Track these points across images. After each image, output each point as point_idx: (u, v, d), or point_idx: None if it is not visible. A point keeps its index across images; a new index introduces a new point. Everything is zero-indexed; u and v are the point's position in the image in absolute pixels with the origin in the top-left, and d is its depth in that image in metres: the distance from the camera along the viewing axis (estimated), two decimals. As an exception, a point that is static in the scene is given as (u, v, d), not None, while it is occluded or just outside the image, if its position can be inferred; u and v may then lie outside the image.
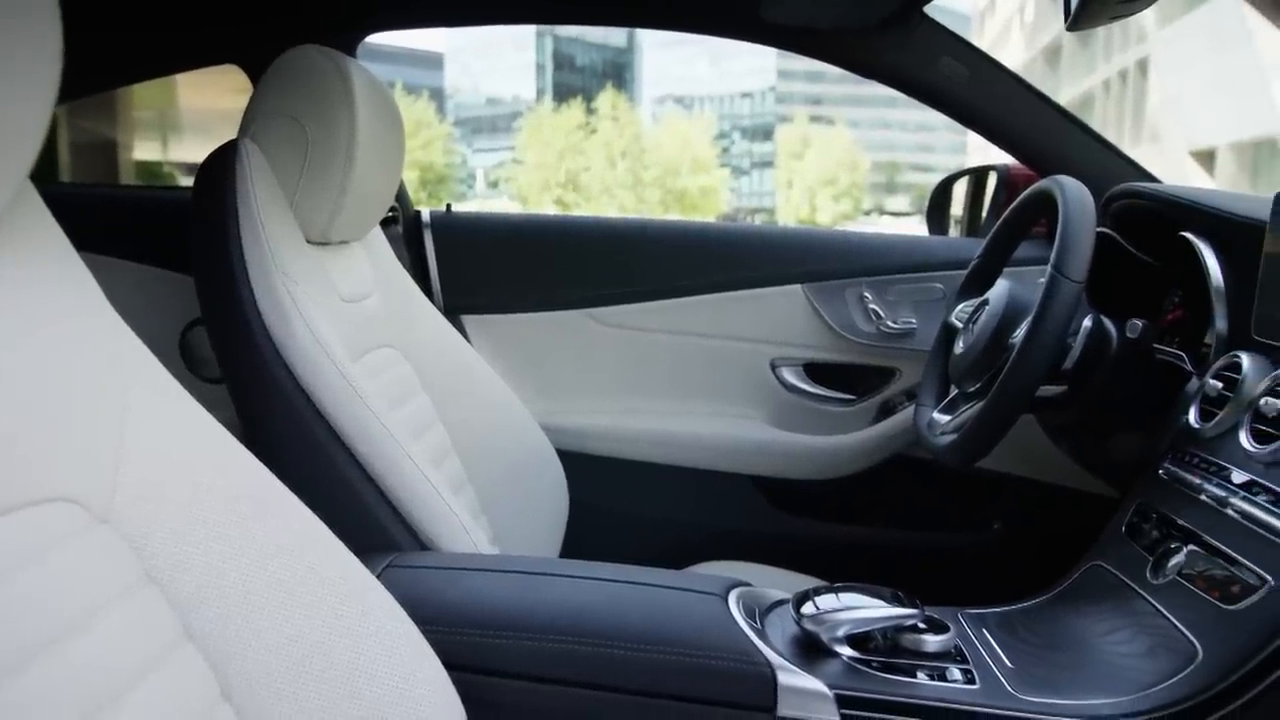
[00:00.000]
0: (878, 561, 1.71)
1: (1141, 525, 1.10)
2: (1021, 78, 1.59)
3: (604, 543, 1.68)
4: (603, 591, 0.96)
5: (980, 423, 1.16)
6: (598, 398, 1.79)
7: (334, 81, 1.17)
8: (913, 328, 1.70)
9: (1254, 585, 0.89)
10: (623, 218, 1.93)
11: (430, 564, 1.04)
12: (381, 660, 0.75)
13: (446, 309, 1.77)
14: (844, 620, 0.91)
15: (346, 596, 0.76)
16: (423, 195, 29.64)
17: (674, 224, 1.88)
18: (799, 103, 47.20)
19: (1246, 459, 1.00)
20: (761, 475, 1.73)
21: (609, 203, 34.05)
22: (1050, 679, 0.93)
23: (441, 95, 46.66)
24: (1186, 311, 1.30)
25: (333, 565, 0.77)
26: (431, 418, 1.41)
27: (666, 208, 34.34)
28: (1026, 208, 1.32)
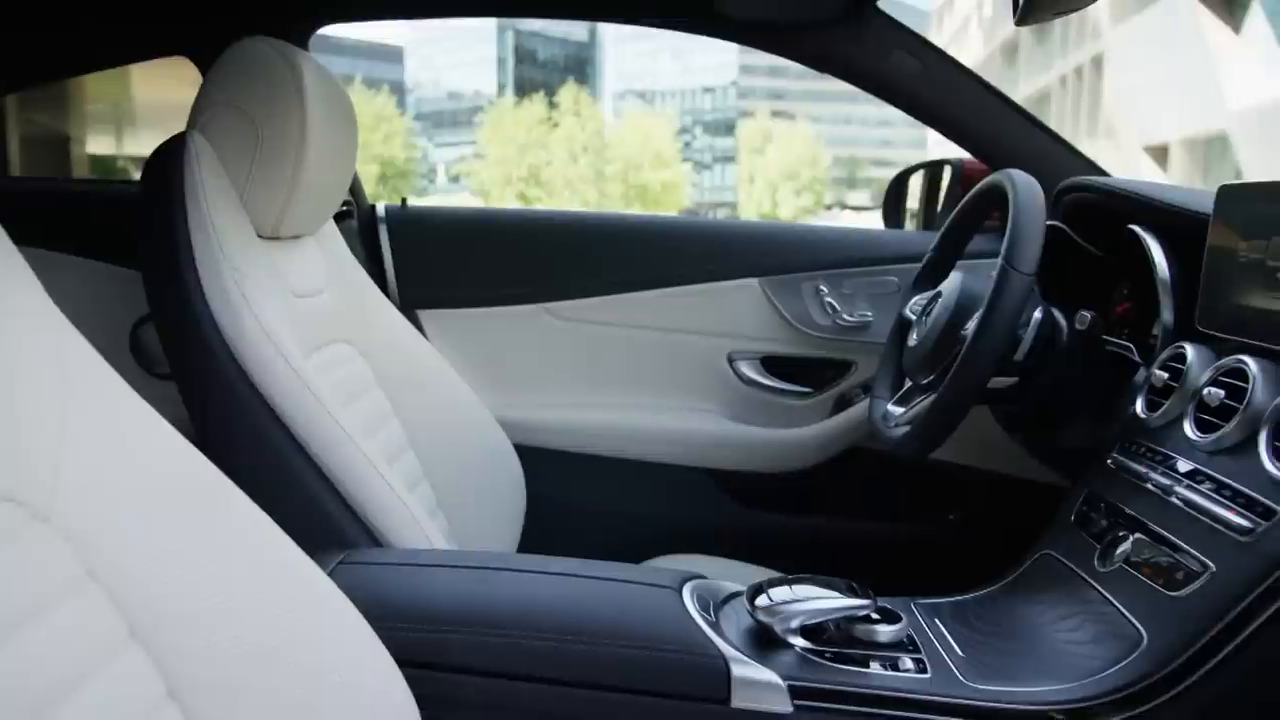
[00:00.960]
0: (836, 553, 1.72)
1: (1090, 514, 1.12)
2: (973, 72, 1.60)
3: (562, 537, 1.67)
4: (556, 586, 0.96)
5: (933, 414, 1.17)
6: (555, 392, 1.78)
7: (283, 74, 1.16)
8: (868, 321, 1.71)
9: (1197, 572, 0.91)
10: (579, 211, 1.94)
11: (383, 560, 1.04)
12: (332, 658, 0.75)
13: (402, 304, 1.76)
14: (797, 611, 0.92)
15: (296, 594, 0.75)
16: (383, 190, 29.41)
17: (630, 218, 1.88)
18: (761, 98, 47.34)
19: (1191, 448, 1.02)
20: (719, 468, 1.73)
21: (571, 197, 33.96)
22: (1000, 667, 0.94)
23: (402, 89, 46.31)
24: (1135, 303, 1.32)
25: (282, 563, 0.76)
26: (386, 413, 1.40)
27: (628, 202, 34.32)
28: (978, 201, 1.33)
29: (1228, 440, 0.97)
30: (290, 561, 0.77)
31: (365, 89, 33.58)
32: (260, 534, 0.75)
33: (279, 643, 0.72)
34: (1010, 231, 1.13)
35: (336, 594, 0.78)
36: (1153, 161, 19.42)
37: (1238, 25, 17.09)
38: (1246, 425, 0.95)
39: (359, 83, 33.87)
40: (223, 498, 0.75)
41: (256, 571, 0.73)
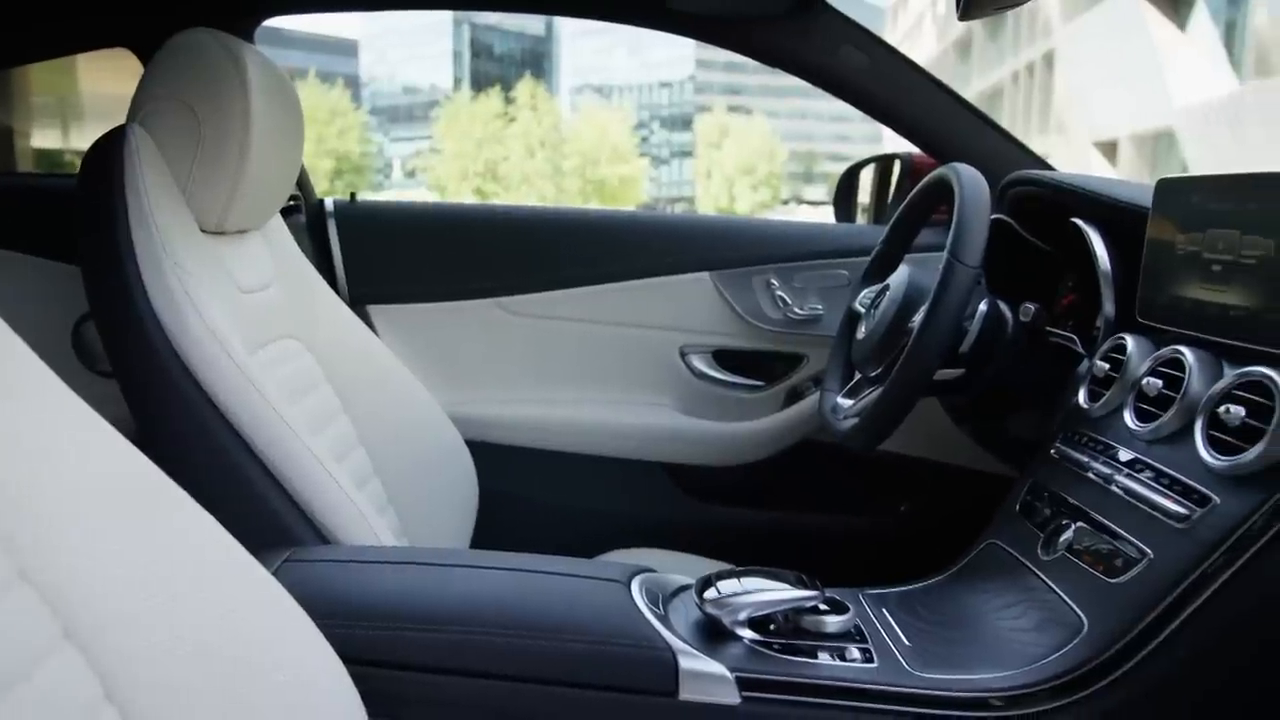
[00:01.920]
0: (788, 545, 1.73)
1: (1034, 504, 1.13)
2: (920, 67, 1.61)
3: (516, 533, 1.67)
4: (504, 581, 0.96)
5: (880, 406, 1.18)
6: (507, 387, 1.78)
7: (225, 65, 1.14)
8: (819, 314, 1.73)
9: (1135, 559, 0.93)
10: (530, 206, 1.93)
11: (329, 557, 1.03)
12: (275, 656, 0.74)
13: (352, 299, 1.74)
14: (745, 604, 0.92)
15: (239, 592, 0.74)
16: (339, 185, 29.10)
17: (581, 212, 1.88)
18: (717, 92, 47.43)
19: (1131, 437, 1.04)
20: (672, 462, 1.74)
21: (528, 192, 33.83)
22: (945, 655, 0.96)
23: (357, 83, 45.84)
24: (1079, 296, 1.34)
25: (224, 561, 0.75)
26: (335, 410, 1.39)
27: (586, 197, 34.26)
28: (925, 195, 1.35)
29: (1165, 429, 0.99)
30: (233, 560, 0.76)
31: (319, 83, 33.21)
32: (202, 533, 0.74)
33: (221, 642, 0.71)
34: (955, 225, 1.14)
35: (280, 592, 0.77)
36: (1103, 157, 19.74)
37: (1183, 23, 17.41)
38: (1183, 414, 0.97)
39: (313, 76, 33.45)
40: (163, 497, 0.73)
41: (198, 570, 0.72)
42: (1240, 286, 0.95)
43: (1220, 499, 0.88)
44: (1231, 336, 0.96)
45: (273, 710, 0.72)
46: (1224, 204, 0.99)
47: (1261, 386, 0.88)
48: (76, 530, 0.66)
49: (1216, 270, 0.98)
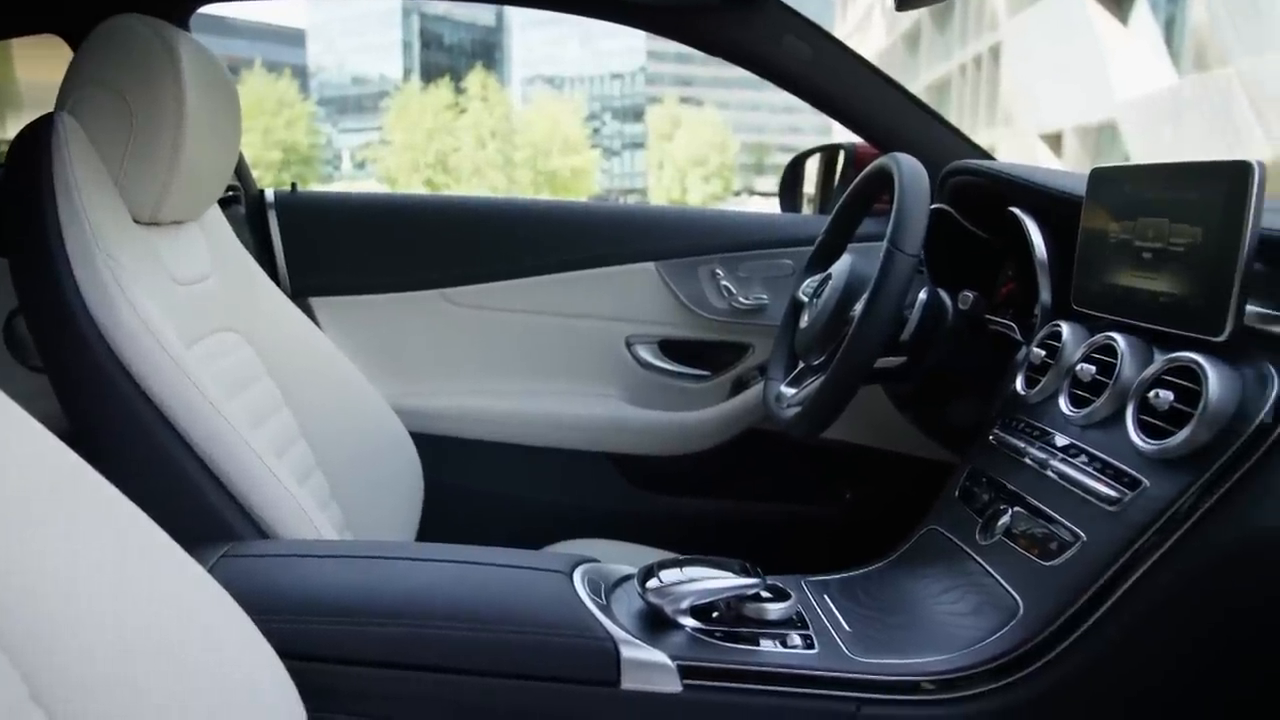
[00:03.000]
0: (736, 534, 1.74)
1: (973, 489, 1.15)
2: (862, 57, 1.62)
3: (462, 525, 1.66)
4: (445, 573, 0.95)
5: (822, 394, 1.19)
6: (452, 379, 1.77)
7: (157, 52, 1.12)
8: (764, 303, 1.73)
9: (1069, 542, 0.94)
10: (475, 196, 1.92)
11: (268, 552, 1.01)
12: (209, 652, 0.73)
13: (294, 291, 1.72)
14: (687, 592, 0.93)
15: (171, 589, 0.73)
16: (286, 177, 28.72)
17: (526, 203, 1.87)
18: (669, 84, 47.49)
19: (1066, 423, 1.05)
20: (619, 452, 1.74)
21: (480, 184, 33.62)
22: (885, 640, 0.97)
23: (304, 73, 45.23)
24: (1019, 284, 1.36)
25: (156, 558, 0.74)
26: (276, 403, 1.37)
27: (538, 189, 34.12)
28: (866, 184, 1.36)
29: (1099, 414, 1.01)
30: (165, 556, 0.74)
31: (266, 73, 32.72)
32: (133, 530, 0.73)
33: (152, 640, 0.69)
34: (895, 214, 1.15)
35: (215, 587, 0.76)
36: (1048, 149, 20.04)
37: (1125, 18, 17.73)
38: (1115, 400, 0.99)
39: (259, 66, 32.96)
40: (92, 494, 0.72)
41: (128, 569, 0.71)
42: (1169, 273, 0.97)
43: (1150, 482, 0.90)
44: (1161, 323, 0.98)
45: (208, 708, 0.71)
46: (1154, 192, 1.01)
47: (1189, 371, 0.90)
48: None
49: (1147, 258, 1.00)
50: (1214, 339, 0.90)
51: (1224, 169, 0.91)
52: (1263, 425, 0.84)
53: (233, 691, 0.73)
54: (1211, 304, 0.91)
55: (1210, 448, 0.86)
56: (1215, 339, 0.90)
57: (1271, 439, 0.83)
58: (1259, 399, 0.85)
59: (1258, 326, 0.90)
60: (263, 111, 30.80)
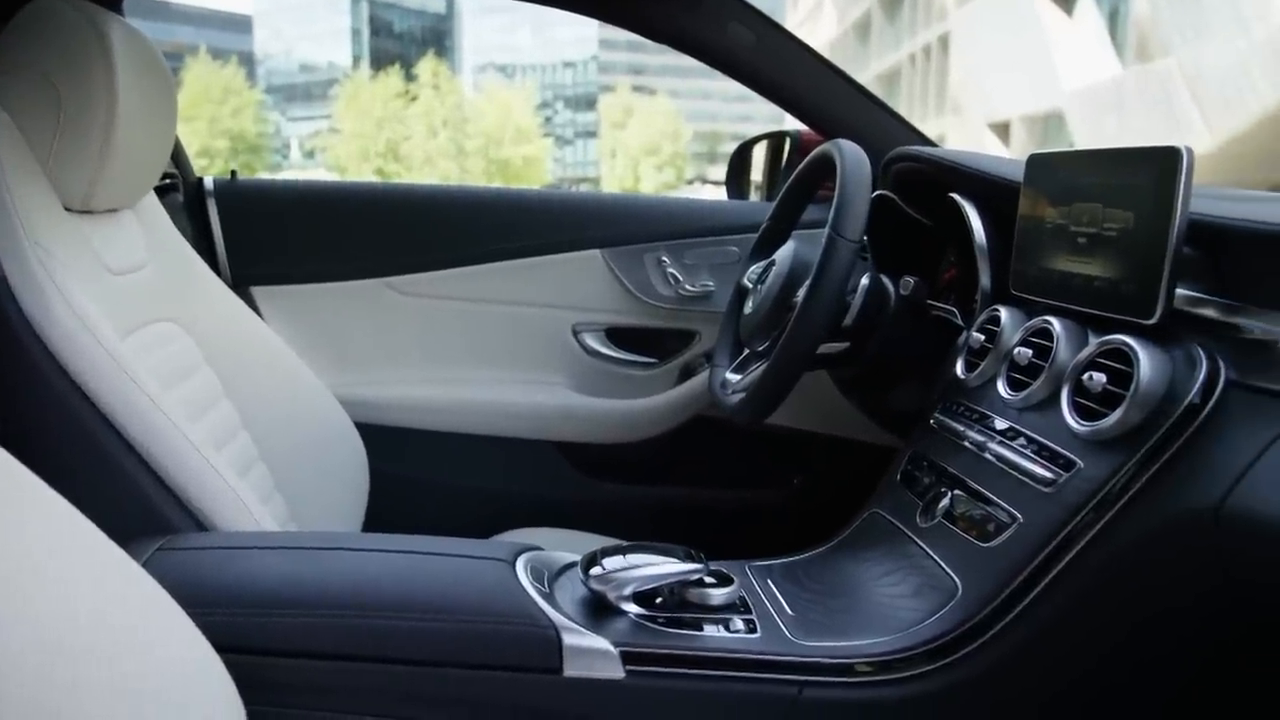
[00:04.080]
0: (684, 521, 1.74)
1: (914, 473, 1.16)
2: (806, 44, 1.63)
3: (409, 516, 1.65)
4: (386, 563, 0.94)
5: (765, 380, 1.19)
6: (397, 368, 1.75)
7: (86, 35, 1.09)
8: (710, 290, 1.74)
9: (1006, 523, 0.95)
10: (418, 184, 1.90)
11: (205, 545, 1.00)
12: (140, 649, 0.71)
13: (235, 281, 1.69)
14: (630, 579, 0.93)
15: (100, 585, 0.71)
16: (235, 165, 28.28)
17: (471, 190, 1.86)
18: (621, 72, 47.37)
19: (1004, 406, 1.07)
20: (567, 441, 1.73)
21: (431, 173, 33.32)
22: (826, 623, 0.97)
23: (252, 60, 44.47)
24: (961, 269, 1.37)
25: (85, 551, 0.72)
26: (217, 394, 1.35)
27: (490, 177, 33.88)
28: (810, 171, 1.36)
29: (1035, 397, 1.02)
30: (96, 552, 0.73)
31: (211, 60, 32.15)
32: (61, 526, 0.71)
33: (81, 636, 0.68)
34: (837, 200, 1.16)
35: (147, 581, 0.75)
36: (996, 138, 20.31)
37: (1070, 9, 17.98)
38: (1051, 382, 1.00)
39: (204, 53, 32.36)
40: (15, 487, 0.70)
41: (56, 562, 0.69)
42: (1103, 258, 0.98)
43: (1084, 463, 0.92)
44: (1095, 306, 0.99)
45: (139, 704, 0.69)
46: (1088, 178, 1.02)
47: (1121, 354, 0.91)
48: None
49: (1082, 242, 1.02)
50: (1145, 322, 0.92)
51: (1154, 154, 0.92)
52: (1191, 406, 0.85)
53: (166, 687, 0.71)
54: (1143, 287, 0.92)
55: (1141, 429, 0.88)
56: (1146, 322, 0.92)
57: (1200, 419, 0.85)
58: (1188, 380, 0.86)
59: (1187, 309, 0.92)
60: (209, 99, 30.28)
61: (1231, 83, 13.35)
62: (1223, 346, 0.88)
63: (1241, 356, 0.86)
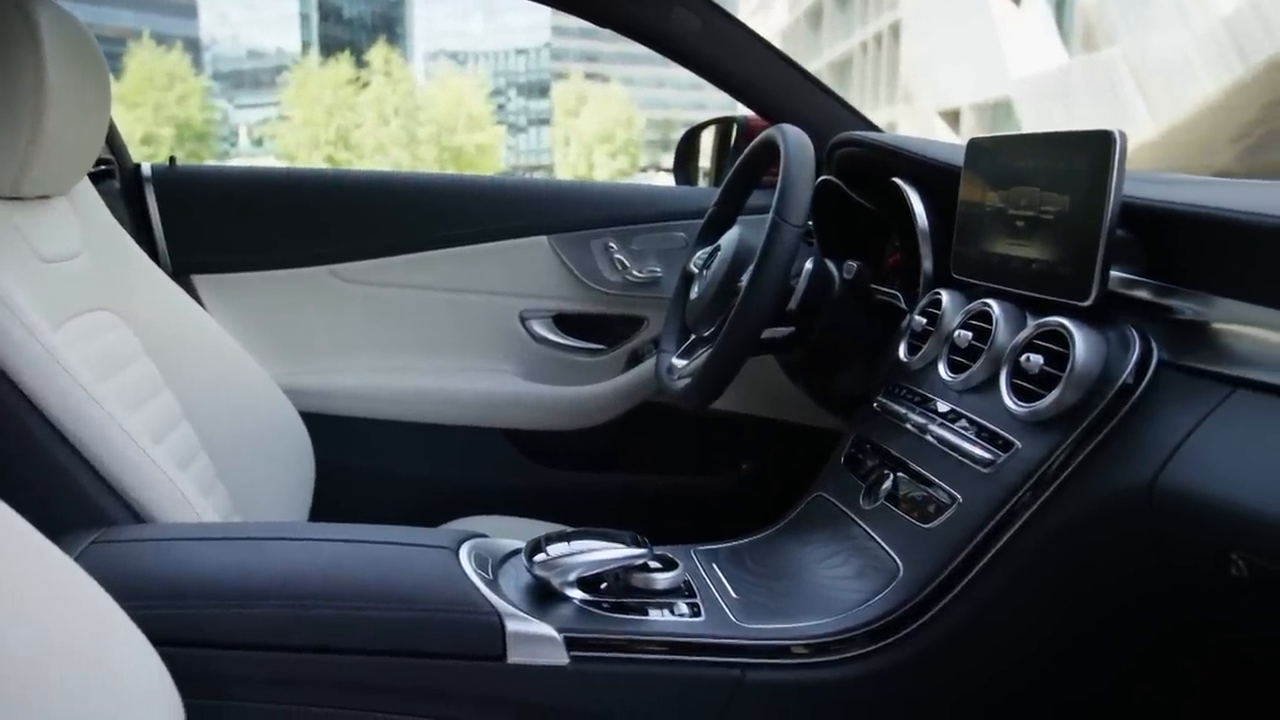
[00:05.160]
0: (635, 507, 1.75)
1: (858, 456, 1.17)
2: (751, 29, 1.63)
3: (356, 506, 1.63)
4: (326, 552, 0.93)
5: (710, 365, 1.19)
6: (342, 357, 1.73)
7: (11, 17, 1.06)
8: (658, 276, 1.74)
9: (946, 504, 0.97)
10: (362, 170, 1.88)
11: (142, 537, 0.98)
12: (72, 643, 0.70)
13: (175, 269, 1.67)
14: (574, 564, 0.92)
15: (28, 578, 0.70)
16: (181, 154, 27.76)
17: (415, 176, 1.84)
18: (574, 59, 47.14)
19: (945, 388, 1.08)
20: (515, 428, 1.73)
21: (383, 161, 32.93)
22: (770, 606, 0.98)
23: (197, 46, 43.61)
24: (905, 254, 1.38)
25: (12, 545, 0.71)
26: (156, 384, 1.32)
27: (443, 166, 33.56)
28: (755, 156, 1.37)
29: (975, 379, 1.03)
30: (24, 545, 0.71)
31: (155, 46, 31.50)
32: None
33: (9, 630, 0.66)
34: (780, 185, 1.16)
35: (78, 574, 0.73)
36: (947, 125, 20.50)
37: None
38: (990, 364, 1.01)
39: (147, 39, 31.71)
40: None
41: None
42: (1040, 241, 0.99)
43: (1022, 444, 0.93)
44: (1033, 289, 1.01)
45: (73, 698, 0.68)
46: (1026, 162, 1.03)
47: (1058, 336, 0.93)
48: None
49: (1020, 226, 1.03)
50: (1080, 304, 0.93)
51: (1088, 139, 0.93)
52: (1125, 386, 0.87)
53: (99, 681, 0.70)
54: (1078, 270, 0.93)
55: (1077, 409, 0.89)
56: (1082, 304, 0.93)
57: (1133, 399, 0.86)
58: (1122, 361, 0.88)
59: (1121, 291, 0.94)
60: (153, 86, 29.68)
61: (1175, 72, 13.58)
62: (1155, 327, 0.89)
63: (1174, 337, 0.88)
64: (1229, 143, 10.14)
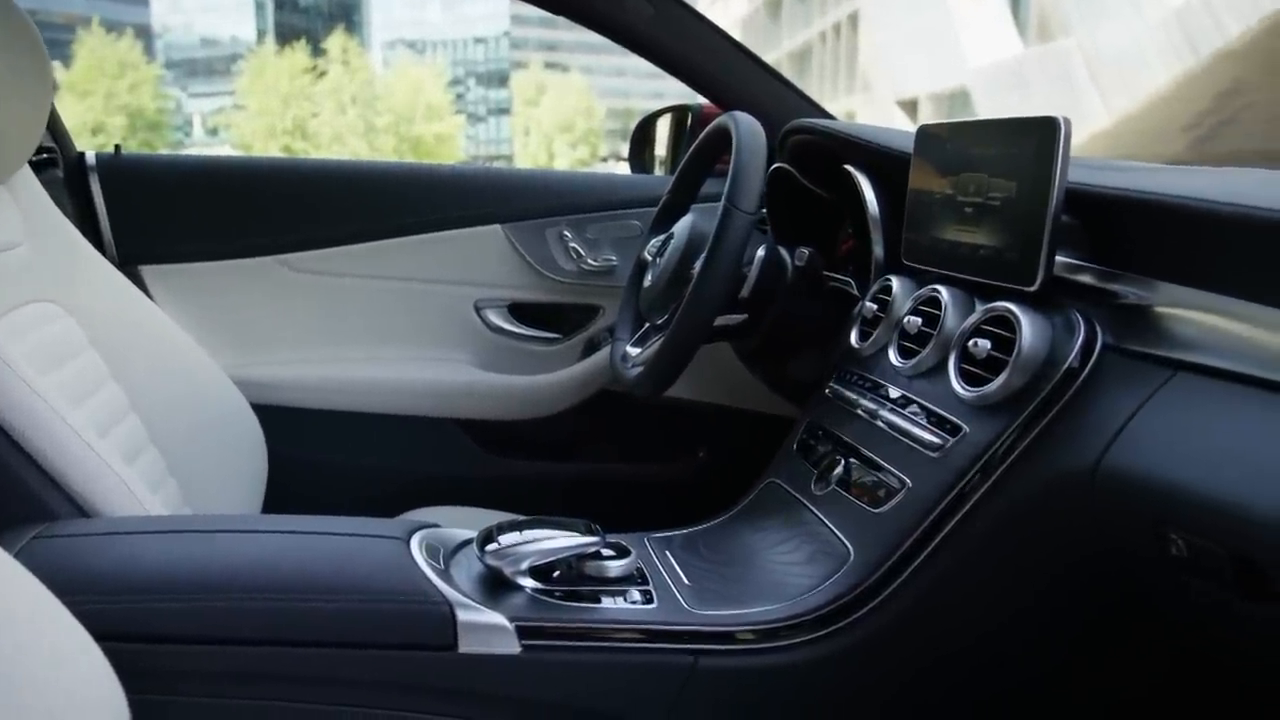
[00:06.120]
0: (592, 496, 1.74)
1: (810, 442, 1.18)
2: (704, 17, 1.62)
3: (311, 498, 1.61)
4: (274, 544, 0.92)
5: (663, 353, 1.19)
6: (294, 348, 1.71)
7: None
8: (613, 265, 1.73)
9: (896, 488, 0.97)
10: (313, 159, 1.85)
11: (86, 531, 0.96)
12: (9, 640, 0.69)
13: (121, 260, 1.64)
14: (526, 553, 0.92)
15: None
16: (133, 143, 27.28)
17: (366, 165, 1.82)
18: (534, 49, 46.92)
19: (896, 374, 1.08)
20: (470, 418, 1.72)
21: (341, 150, 32.57)
22: (722, 592, 0.98)
23: (149, 34, 42.88)
24: (858, 241, 1.39)
25: None
26: (102, 377, 1.30)
27: (402, 155, 33.27)
28: (707, 143, 1.37)
29: (925, 364, 1.04)
30: None
31: (105, 34, 30.92)
32: None
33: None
34: (732, 172, 1.16)
35: (16, 569, 0.72)
36: (905, 115, 20.64)
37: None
38: (939, 350, 1.02)
39: (97, 26, 31.11)
40: None
41: None
42: (988, 227, 1.00)
43: (970, 428, 0.94)
44: (981, 274, 1.02)
45: (8, 694, 0.67)
46: (974, 149, 1.04)
47: (1005, 320, 0.93)
48: None
49: (969, 212, 1.04)
50: (1027, 289, 0.94)
51: (1033, 125, 0.94)
52: (1070, 369, 0.88)
53: (38, 677, 0.69)
54: (1024, 255, 0.94)
55: (1023, 393, 0.90)
56: (1028, 289, 0.94)
57: (1078, 383, 0.87)
58: (1067, 345, 0.89)
59: (1067, 276, 0.95)
60: (104, 74, 29.17)
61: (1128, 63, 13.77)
62: (1100, 312, 0.90)
63: (1118, 321, 0.89)
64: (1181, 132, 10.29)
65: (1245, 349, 0.76)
